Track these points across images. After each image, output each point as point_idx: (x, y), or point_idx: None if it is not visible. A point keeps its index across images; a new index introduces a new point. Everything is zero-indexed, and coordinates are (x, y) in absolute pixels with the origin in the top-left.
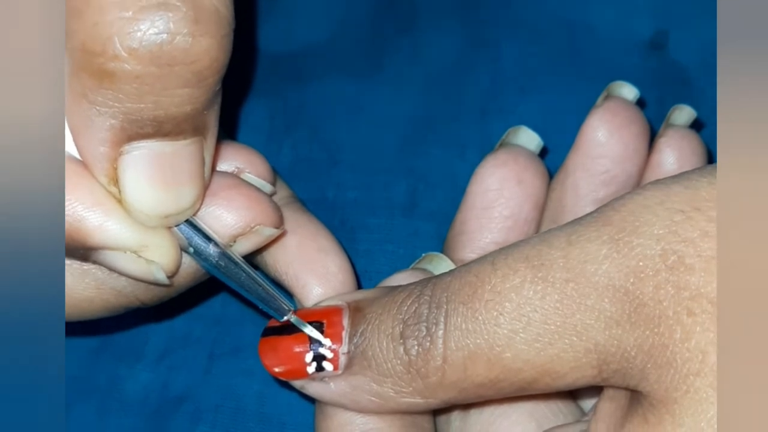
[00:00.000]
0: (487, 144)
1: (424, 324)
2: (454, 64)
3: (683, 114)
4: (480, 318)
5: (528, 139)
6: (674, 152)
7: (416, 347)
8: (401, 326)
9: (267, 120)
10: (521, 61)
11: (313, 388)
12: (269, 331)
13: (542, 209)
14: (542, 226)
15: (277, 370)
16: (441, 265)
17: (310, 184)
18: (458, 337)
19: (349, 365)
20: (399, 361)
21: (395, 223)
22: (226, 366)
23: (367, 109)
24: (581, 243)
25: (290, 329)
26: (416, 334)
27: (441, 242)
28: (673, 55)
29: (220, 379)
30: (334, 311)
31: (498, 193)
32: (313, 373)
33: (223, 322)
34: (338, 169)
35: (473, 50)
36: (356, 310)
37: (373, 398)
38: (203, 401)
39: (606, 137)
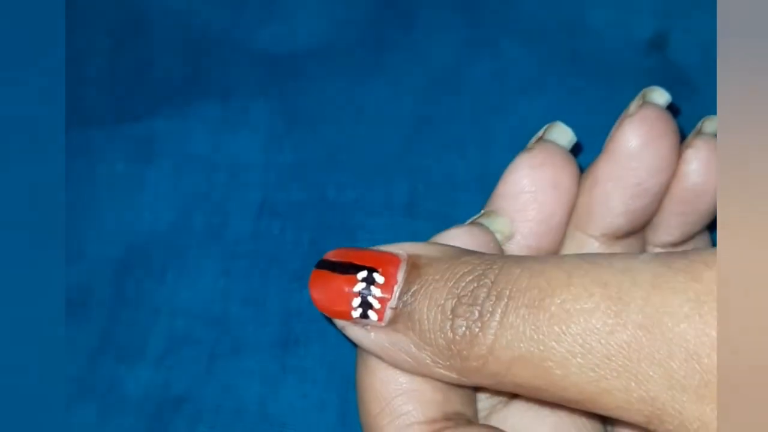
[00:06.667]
0: (487, 144)
1: (478, 308)
2: (454, 63)
3: (714, 124)
4: (541, 328)
5: (561, 134)
6: (702, 164)
7: (464, 329)
8: (454, 301)
9: (267, 120)
10: (521, 61)
11: (353, 332)
12: (324, 264)
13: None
14: (567, 231)
15: (322, 305)
16: (497, 221)
17: (310, 184)
18: (511, 337)
19: (393, 320)
20: (442, 335)
21: (395, 223)
22: (226, 366)
23: (367, 109)
24: (665, 291)
25: (344, 267)
26: (467, 315)
27: None
28: (673, 55)
29: (221, 379)
30: (391, 260)
31: (532, 196)
32: (356, 318)
33: (223, 322)
34: (338, 169)
35: (473, 50)
36: (414, 267)
37: (408, 359)
38: (203, 401)
39: (640, 148)
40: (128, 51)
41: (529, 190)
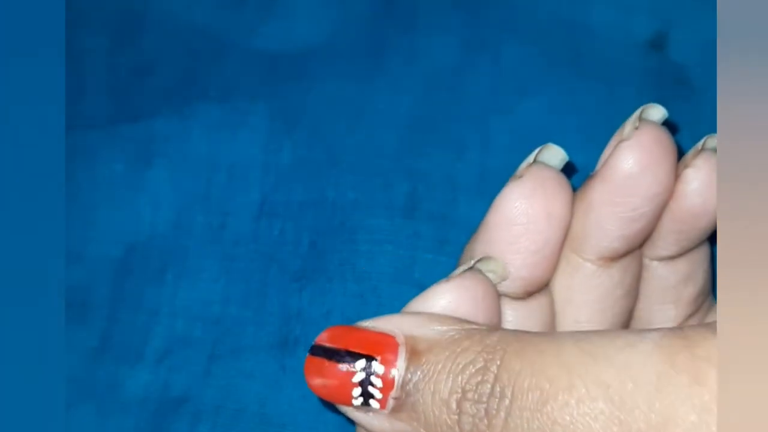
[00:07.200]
0: (487, 144)
1: (484, 406)
2: (453, 64)
3: (714, 142)
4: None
5: (552, 155)
6: (702, 185)
7: (470, 426)
8: (459, 395)
9: (267, 120)
10: (521, 61)
11: (355, 416)
12: (318, 351)
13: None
14: (562, 253)
15: (321, 393)
16: (490, 263)
17: (310, 184)
18: None
19: (396, 409)
20: (449, 429)
21: (395, 223)
22: (226, 367)
23: (366, 109)
24: (669, 397)
25: (339, 356)
26: (474, 412)
27: (441, 243)
28: (672, 55)
29: (221, 380)
30: (389, 345)
31: (524, 227)
32: (358, 405)
33: (223, 322)
34: (338, 169)
35: (473, 50)
36: (413, 354)
37: None
38: (203, 402)
39: (637, 176)
40: (128, 51)
41: (521, 222)
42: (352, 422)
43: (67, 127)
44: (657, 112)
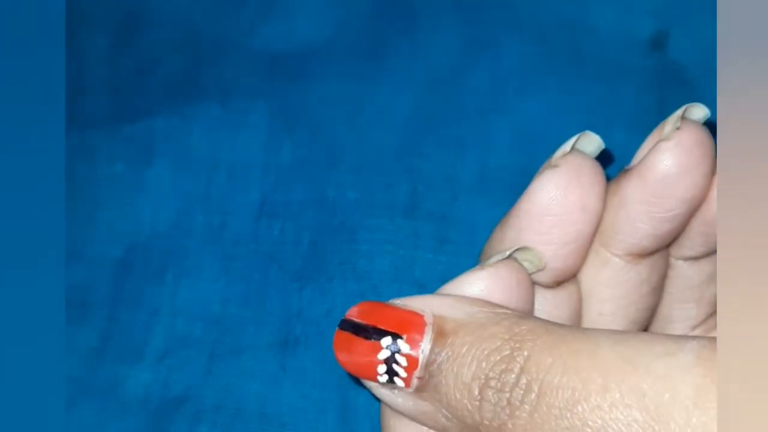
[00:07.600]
0: (487, 144)
1: (507, 396)
2: (453, 64)
3: None
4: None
5: (589, 143)
6: None
7: (491, 414)
8: (481, 381)
9: (267, 120)
10: (521, 61)
11: (380, 393)
12: (347, 325)
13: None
14: (592, 245)
15: (348, 368)
16: (528, 254)
17: (310, 184)
18: None
19: (420, 389)
20: (470, 416)
21: (395, 223)
22: (226, 366)
23: (367, 109)
24: (708, 415)
25: (367, 332)
26: (495, 400)
27: (441, 243)
28: (673, 55)
29: (221, 379)
30: (416, 324)
31: (558, 219)
32: (383, 382)
33: (223, 322)
34: (338, 169)
35: (473, 50)
36: (439, 334)
37: (436, 423)
38: (204, 402)
39: (675, 177)
40: (128, 51)
41: (555, 213)
42: (377, 398)
43: (68, 126)
44: (699, 112)
